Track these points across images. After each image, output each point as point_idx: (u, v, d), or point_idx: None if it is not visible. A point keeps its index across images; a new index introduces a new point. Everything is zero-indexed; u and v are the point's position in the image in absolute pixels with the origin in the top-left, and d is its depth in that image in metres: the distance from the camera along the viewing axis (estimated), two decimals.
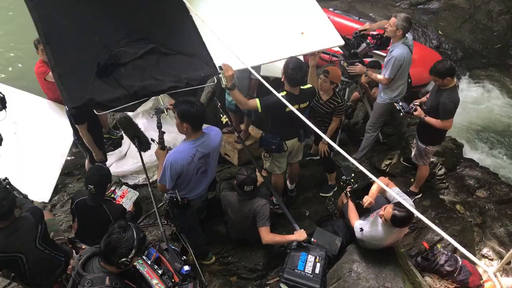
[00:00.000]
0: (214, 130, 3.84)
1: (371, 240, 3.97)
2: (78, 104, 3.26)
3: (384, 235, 3.89)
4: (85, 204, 3.87)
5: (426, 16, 9.57)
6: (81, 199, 3.90)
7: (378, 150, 6.11)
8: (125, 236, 2.63)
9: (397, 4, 10.00)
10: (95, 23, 3.63)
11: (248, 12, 4.09)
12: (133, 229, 2.68)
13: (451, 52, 9.09)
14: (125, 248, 2.61)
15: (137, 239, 2.65)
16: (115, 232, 2.64)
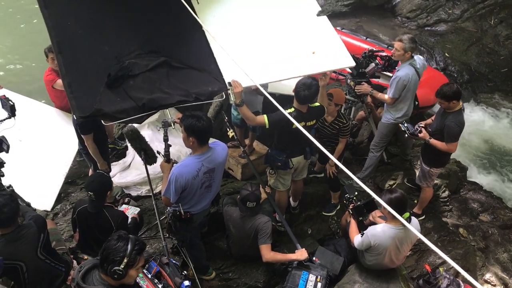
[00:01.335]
0: (221, 145, 3.85)
1: (372, 242, 3.88)
2: (86, 113, 3.27)
3: (384, 235, 3.85)
4: (86, 212, 3.86)
5: (433, 38, 9.61)
6: (83, 207, 3.89)
7: (382, 170, 6.10)
8: (117, 244, 2.59)
9: (404, 25, 10.05)
10: (108, 34, 3.68)
11: (260, 29, 4.12)
12: (130, 240, 2.63)
13: (457, 75, 9.10)
14: (116, 256, 2.55)
15: (131, 249, 2.58)
16: (111, 240, 2.62)
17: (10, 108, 3.99)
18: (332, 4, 9.98)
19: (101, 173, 4.06)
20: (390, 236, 3.84)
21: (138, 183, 5.47)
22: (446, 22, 9.91)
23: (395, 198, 3.76)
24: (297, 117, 4.01)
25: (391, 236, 3.84)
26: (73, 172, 5.88)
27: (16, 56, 9.47)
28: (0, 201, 3.23)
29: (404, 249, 4.01)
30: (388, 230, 3.85)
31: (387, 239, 3.84)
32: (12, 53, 9.59)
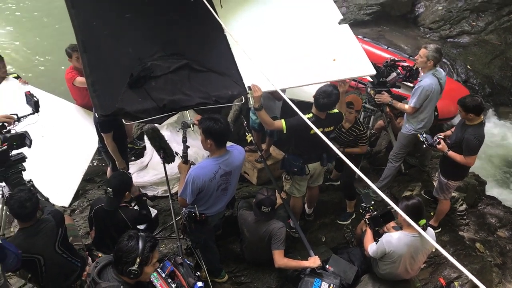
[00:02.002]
0: (238, 148, 3.87)
1: (387, 249, 3.85)
2: (108, 112, 3.32)
3: (399, 242, 3.81)
4: (103, 211, 3.91)
5: (455, 50, 9.52)
6: (99, 206, 3.94)
7: (399, 181, 6.04)
8: (128, 245, 2.61)
9: (426, 35, 9.99)
10: (132, 35, 3.73)
11: (282, 35, 4.13)
12: (141, 238, 2.65)
13: (478, 88, 8.99)
14: (128, 257, 2.58)
15: (142, 248, 2.60)
16: (121, 241, 2.64)
17: (34, 104, 4.08)
18: (354, 12, 9.98)
19: (124, 172, 4.13)
20: (406, 244, 3.80)
21: (154, 183, 5.52)
22: (469, 34, 9.82)
23: (412, 204, 3.74)
24: (315, 123, 3.99)
25: (406, 243, 3.80)
26: (91, 170, 5.96)
27: (42, 56, 9.72)
28: (22, 196, 3.31)
29: (419, 259, 3.97)
30: (404, 238, 3.81)
31: (402, 247, 3.80)
32: (39, 53, 9.82)
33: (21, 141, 3.95)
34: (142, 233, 2.69)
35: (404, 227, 3.90)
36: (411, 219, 3.58)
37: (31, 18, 11.02)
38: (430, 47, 4.82)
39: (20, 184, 4.02)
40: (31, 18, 11.02)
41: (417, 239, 3.80)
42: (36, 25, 10.68)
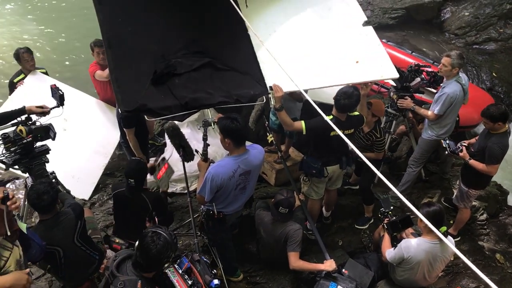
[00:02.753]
0: (258, 148, 3.86)
1: (405, 254, 3.80)
2: (131, 108, 3.36)
3: (418, 248, 3.77)
4: (123, 195, 3.99)
5: (481, 57, 9.37)
6: (120, 190, 4.02)
7: (419, 188, 5.96)
8: (163, 245, 2.69)
9: (452, 41, 9.85)
10: (157, 33, 3.77)
11: (305, 36, 4.13)
12: (164, 233, 2.74)
13: (504, 96, 8.82)
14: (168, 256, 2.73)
15: (172, 242, 2.74)
16: (152, 246, 2.67)
17: (59, 97, 4.14)
18: (379, 16, 9.91)
19: (138, 160, 4.18)
20: (424, 250, 3.75)
21: (173, 180, 5.55)
22: (496, 41, 9.66)
23: (432, 211, 3.69)
24: (335, 125, 3.98)
25: (425, 249, 3.75)
26: (112, 164, 6.04)
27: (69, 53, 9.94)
28: (40, 188, 3.35)
29: (438, 267, 3.91)
30: (423, 244, 3.77)
31: (421, 253, 3.75)
32: (67, 50, 10.06)
33: (46, 133, 4.02)
34: (166, 232, 2.76)
35: (423, 233, 3.86)
36: (429, 232, 3.59)
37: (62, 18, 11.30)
38: (453, 55, 4.75)
39: (43, 176, 4.09)
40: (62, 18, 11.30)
41: (436, 246, 3.76)
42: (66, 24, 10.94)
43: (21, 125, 3.90)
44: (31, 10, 11.56)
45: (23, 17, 11.29)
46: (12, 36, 10.45)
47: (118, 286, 2.65)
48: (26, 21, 11.11)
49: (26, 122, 3.98)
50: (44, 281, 4.04)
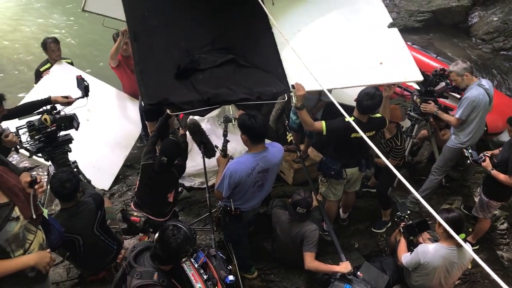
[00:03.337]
0: (277, 146, 3.86)
1: (421, 259, 3.76)
2: (154, 101, 3.39)
3: (435, 254, 3.72)
4: (151, 168, 4.03)
5: (508, 63, 9.16)
6: (149, 163, 4.06)
7: (439, 193, 5.87)
8: (183, 239, 2.72)
9: (478, 47, 9.66)
10: (181, 28, 3.80)
11: (330, 36, 4.11)
12: (184, 227, 2.77)
13: None
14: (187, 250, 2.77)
15: (191, 236, 2.77)
16: (172, 240, 2.70)
17: (84, 88, 4.22)
18: (405, 18, 9.79)
19: (174, 140, 4.18)
20: (441, 256, 3.71)
21: (192, 174, 5.58)
22: None
23: (452, 217, 3.64)
24: None
25: (442, 255, 3.71)
26: (132, 156, 6.10)
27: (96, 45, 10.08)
28: (63, 176, 3.42)
29: (454, 273, 3.85)
30: (440, 249, 3.72)
31: (438, 258, 3.71)
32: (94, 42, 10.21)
33: (69, 123, 4.09)
34: (187, 231, 2.78)
35: (441, 239, 3.81)
36: (449, 233, 3.52)
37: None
38: (453, 68, 4.82)
39: (65, 165, 4.17)
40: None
41: (454, 252, 3.71)
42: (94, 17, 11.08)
43: (46, 114, 3.98)
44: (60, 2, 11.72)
45: (50, 9, 11.47)
46: (40, 28, 10.64)
47: (135, 277, 2.68)
48: (54, 14, 11.29)
49: (51, 111, 4.06)
50: (62, 268, 4.11)
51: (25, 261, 2.63)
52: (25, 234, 2.64)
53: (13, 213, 2.52)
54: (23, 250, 2.63)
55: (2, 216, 2.45)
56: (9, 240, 2.52)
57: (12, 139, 3.65)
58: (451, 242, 3.68)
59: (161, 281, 2.69)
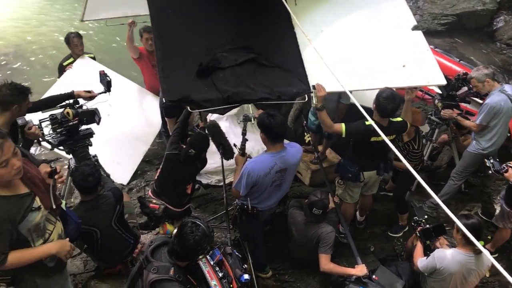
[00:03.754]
0: (296, 147, 3.86)
1: (437, 264, 3.71)
2: (175, 98, 3.42)
3: (452, 259, 3.67)
4: (177, 159, 4.06)
5: None
6: (174, 153, 4.09)
7: (457, 199, 5.79)
8: (201, 236, 2.75)
9: (503, 51, 9.47)
10: (205, 26, 3.83)
11: (352, 37, 4.08)
12: (202, 225, 2.80)
13: None
14: (204, 248, 2.80)
15: (209, 234, 2.81)
16: (190, 236, 2.73)
17: (107, 83, 4.27)
18: (428, 21, 9.65)
19: (204, 134, 4.20)
20: (458, 261, 3.65)
21: (209, 172, 5.60)
22: None
23: (471, 224, 3.58)
24: (375, 130, 3.93)
25: (459, 261, 3.65)
26: (151, 152, 6.16)
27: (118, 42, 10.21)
28: (86, 169, 3.48)
29: (471, 280, 3.78)
30: (457, 255, 3.67)
31: (455, 264, 3.65)
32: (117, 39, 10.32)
33: (91, 117, 4.15)
34: (203, 223, 2.82)
35: (458, 245, 3.75)
36: (468, 239, 3.48)
37: None
38: (473, 74, 4.77)
39: (85, 158, 4.23)
40: None
41: (471, 259, 3.65)
42: None
43: (68, 108, 4.04)
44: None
45: (74, 5, 11.64)
46: (64, 23, 10.81)
47: (152, 271, 2.72)
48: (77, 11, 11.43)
49: (73, 105, 4.13)
50: (79, 260, 4.17)
51: (47, 249, 2.69)
52: (46, 224, 2.70)
53: (34, 203, 2.57)
54: (43, 240, 2.68)
55: (24, 206, 2.51)
56: (31, 229, 2.57)
57: (35, 131, 3.71)
58: (469, 249, 3.63)
59: (177, 277, 2.72)
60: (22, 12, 11.45)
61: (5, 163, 2.33)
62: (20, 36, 10.56)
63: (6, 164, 2.34)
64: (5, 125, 3.53)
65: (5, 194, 2.44)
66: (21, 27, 10.90)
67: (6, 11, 11.42)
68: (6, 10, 11.46)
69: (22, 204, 2.50)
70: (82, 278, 3.93)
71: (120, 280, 3.91)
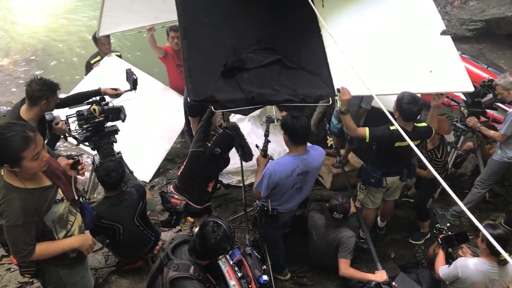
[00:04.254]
0: (319, 150, 3.84)
1: (460, 273, 3.65)
2: (200, 98, 3.43)
3: (475, 269, 3.61)
4: (201, 156, 4.10)
5: None
6: (199, 150, 4.13)
7: (481, 208, 5.68)
8: (222, 236, 2.76)
9: None
10: (231, 27, 3.82)
11: (379, 41, 4.03)
12: (224, 225, 2.81)
13: None
14: (224, 248, 2.82)
15: (230, 235, 2.82)
16: (211, 236, 2.74)
17: (133, 81, 4.32)
18: (456, 27, 9.50)
19: (231, 134, 4.21)
20: (481, 271, 3.59)
21: (230, 172, 5.62)
22: None
23: (497, 234, 3.51)
24: (400, 135, 3.88)
25: (482, 271, 3.59)
26: (174, 151, 6.22)
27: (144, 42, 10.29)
28: (110, 165, 3.54)
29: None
30: (481, 265, 3.61)
31: (477, 274, 3.59)
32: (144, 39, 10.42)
33: (117, 114, 4.21)
34: (224, 223, 2.84)
35: (482, 254, 3.69)
36: (492, 249, 3.41)
37: None
38: (499, 81, 4.74)
39: (110, 155, 4.29)
40: None
41: (495, 269, 3.59)
42: None
43: (95, 105, 4.10)
44: None
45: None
46: (92, 22, 10.97)
47: (172, 268, 2.74)
48: None
49: (99, 102, 4.18)
50: (101, 254, 4.23)
51: (71, 243, 2.78)
52: (68, 216, 2.77)
53: (58, 195, 2.65)
54: (66, 231, 2.76)
55: (48, 198, 2.58)
56: (55, 221, 2.65)
57: (62, 126, 3.79)
58: (493, 259, 3.57)
59: (197, 275, 2.73)
60: (52, 11, 11.70)
61: (37, 156, 2.41)
62: (49, 34, 10.81)
63: (38, 157, 2.42)
64: (34, 120, 3.62)
65: (30, 186, 2.51)
66: (50, 26, 11.15)
67: (36, 9, 11.68)
68: (36, 8, 11.73)
69: (46, 196, 2.57)
70: (103, 273, 3.98)
71: (140, 276, 3.96)
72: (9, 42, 10.43)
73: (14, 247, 2.55)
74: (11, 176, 2.46)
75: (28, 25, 11.08)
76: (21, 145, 2.31)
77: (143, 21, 5.77)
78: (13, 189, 2.45)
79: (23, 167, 2.38)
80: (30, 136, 2.36)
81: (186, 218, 4.23)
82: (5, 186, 2.46)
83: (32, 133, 2.38)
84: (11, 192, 2.45)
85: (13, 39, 10.51)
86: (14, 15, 11.60)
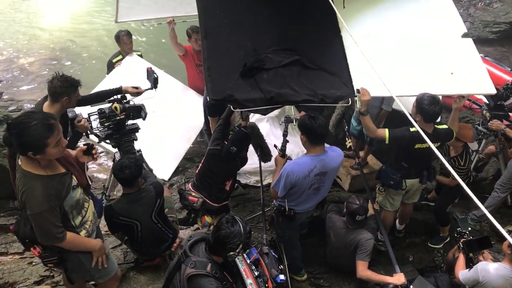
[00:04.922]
0: (337, 151, 3.82)
1: (480, 277, 3.59)
2: (219, 97, 3.47)
3: (496, 273, 3.54)
4: (218, 154, 4.14)
5: None
6: (216, 149, 4.17)
7: (502, 213, 5.57)
8: (234, 231, 2.79)
9: None
10: (250, 27, 3.86)
11: (400, 42, 4.01)
12: (240, 223, 2.84)
13: None
14: (234, 243, 2.79)
15: (244, 234, 2.82)
16: (224, 227, 2.78)
17: (154, 80, 4.37)
18: (479, 29, 9.39)
19: (246, 133, 4.23)
20: (503, 277, 3.52)
21: (248, 172, 5.64)
22: None
23: None
24: (420, 137, 3.83)
25: (503, 276, 3.52)
26: (192, 150, 6.28)
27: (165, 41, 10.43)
28: (125, 162, 3.60)
29: None
30: (502, 270, 3.54)
31: (498, 279, 3.53)
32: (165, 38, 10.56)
33: (138, 113, 4.25)
34: (239, 218, 2.86)
35: (505, 259, 3.62)
36: None
37: None
38: None
39: (130, 152, 4.35)
40: None
41: None
42: None
43: (116, 103, 4.15)
44: None
45: None
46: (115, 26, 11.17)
47: (189, 266, 2.77)
48: None
49: (121, 101, 4.24)
50: (119, 251, 4.29)
51: (94, 245, 2.94)
52: (83, 202, 2.85)
53: (73, 182, 2.74)
54: (81, 216, 2.85)
55: (65, 184, 2.67)
56: (73, 206, 2.74)
57: (84, 124, 3.86)
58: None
59: (214, 273, 2.76)
60: (75, 12, 11.93)
61: (58, 142, 2.51)
62: (71, 34, 11.05)
63: (59, 143, 2.52)
64: (56, 116, 3.68)
65: (50, 173, 2.59)
66: (72, 26, 11.39)
67: (60, 13, 11.94)
68: (59, 8, 11.97)
69: (64, 182, 2.66)
70: (122, 269, 4.03)
71: (158, 273, 4.01)
72: (34, 43, 10.68)
73: (46, 233, 2.63)
74: (29, 164, 2.54)
75: (51, 28, 11.39)
76: (45, 132, 2.41)
77: (160, 12, 5.88)
78: (34, 177, 2.53)
79: (47, 153, 2.47)
80: (53, 123, 2.46)
81: (203, 216, 4.25)
82: (25, 174, 2.54)
83: (54, 121, 2.48)
84: (32, 180, 2.53)
85: (38, 41, 10.77)
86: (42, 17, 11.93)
